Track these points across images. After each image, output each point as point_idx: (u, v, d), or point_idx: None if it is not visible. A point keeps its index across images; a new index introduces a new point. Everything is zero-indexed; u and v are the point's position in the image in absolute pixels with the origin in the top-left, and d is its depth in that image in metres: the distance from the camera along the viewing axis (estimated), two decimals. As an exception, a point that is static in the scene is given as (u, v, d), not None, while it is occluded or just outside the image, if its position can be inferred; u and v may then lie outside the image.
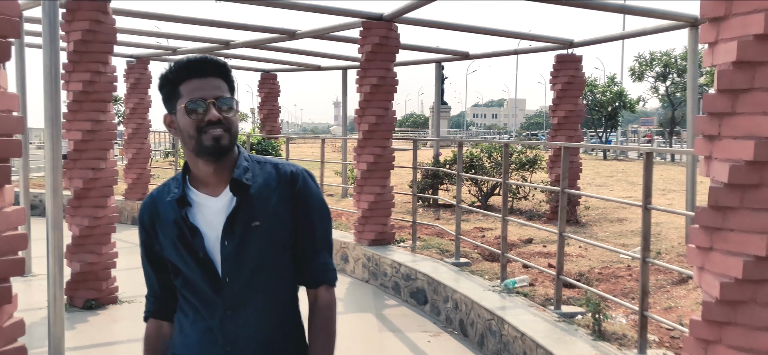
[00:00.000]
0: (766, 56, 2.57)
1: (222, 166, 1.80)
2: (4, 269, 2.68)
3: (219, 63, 1.80)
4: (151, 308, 1.97)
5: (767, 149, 2.57)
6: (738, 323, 2.72)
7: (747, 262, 2.63)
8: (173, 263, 1.85)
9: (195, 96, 1.74)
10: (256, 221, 1.79)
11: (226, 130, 1.74)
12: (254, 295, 1.82)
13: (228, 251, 1.79)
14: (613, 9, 7.53)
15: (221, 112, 1.73)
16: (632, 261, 6.75)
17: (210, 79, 1.76)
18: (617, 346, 4.44)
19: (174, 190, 1.85)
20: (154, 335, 1.96)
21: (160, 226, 1.86)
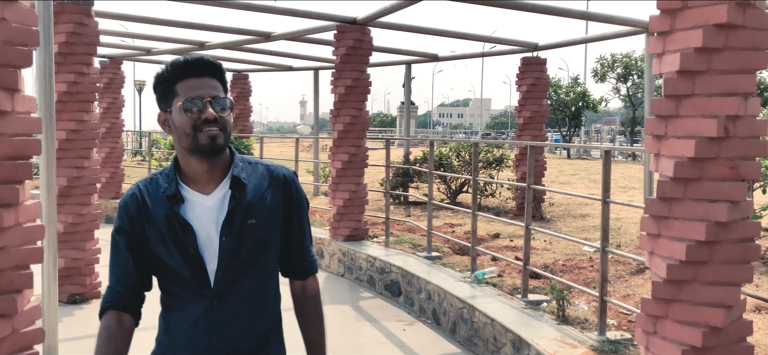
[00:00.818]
0: (704, 66, 2.94)
1: (215, 165, 1.84)
2: (26, 256, 2.92)
3: (214, 64, 1.85)
4: (115, 299, 1.89)
5: (706, 147, 2.95)
6: (682, 300, 3.10)
7: (690, 246, 3.01)
8: (159, 257, 1.86)
9: (192, 95, 1.77)
10: (252, 218, 1.86)
11: (222, 129, 1.79)
12: (242, 287, 1.87)
13: (226, 245, 1.83)
14: (575, 15, 7.95)
15: (216, 112, 1.77)
16: (594, 253, 7.18)
17: (205, 79, 1.80)
18: (580, 329, 4.82)
19: (164, 184, 1.86)
20: (116, 326, 1.86)
21: (146, 219, 1.86)
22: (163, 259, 1.85)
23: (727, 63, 2.92)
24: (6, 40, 2.79)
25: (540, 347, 4.42)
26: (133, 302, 1.91)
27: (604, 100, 30.77)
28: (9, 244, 2.85)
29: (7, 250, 2.85)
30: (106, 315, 1.88)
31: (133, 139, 32.22)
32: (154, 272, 1.91)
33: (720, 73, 2.93)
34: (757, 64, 2.96)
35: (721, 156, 2.96)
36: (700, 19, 2.92)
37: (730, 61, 2.92)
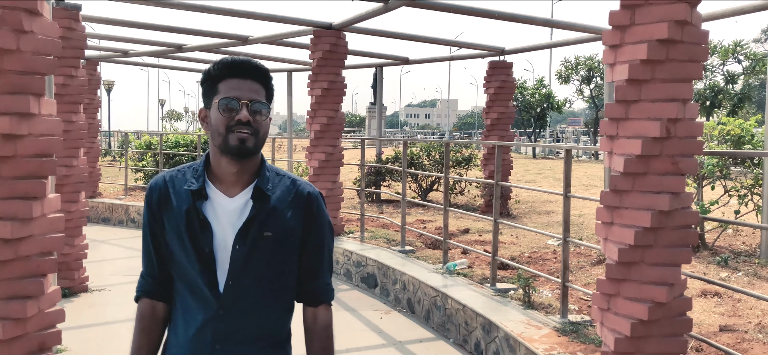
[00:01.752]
0: (649, 75, 3.40)
1: (244, 169, 1.82)
2: (50, 244, 3.25)
3: (260, 68, 1.83)
4: (146, 288, 1.94)
5: (651, 146, 3.40)
6: (631, 280, 3.55)
7: (637, 232, 3.46)
8: (172, 250, 1.85)
9: (230, 95, 1.76)
10: (269, 231, 1.82)
11: (254, 133, 1.76)
12: (251, 300, 1.83)
13: (238, 254, 1.80)
14: (540, 23, 8.44)
15: (252, 115, 1.76)
16: (557, 246, 7.67)
17: (249, 82, 1.79)
18: (544, 313, 5.27)
19: (191, 179, 1.84)
20: (149, 314, 1.93)
21: (167, 210, 1.85)
22: (175, 252, 1.84)
23: (669, 73, 3.38)
24: (33, 51, 3.11)
25: (508, 329, 4.85)
26: (164, 290, 1.92)
27: (568, 102, 31.62)
28: (36, 232, 3.18)
29: (35, 238, 3.18)
30: (140, 304, 1.94)
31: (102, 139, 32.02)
32: (168, 265, 1.89)
33: (662, 82, 3.39)
34: (694, 74, 3.43)
35: (663, 153, 3.42)
36: (645, 35, 3.38)
37: (671, 71, 3.37)
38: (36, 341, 3.22)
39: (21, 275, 3.14)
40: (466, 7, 7.30)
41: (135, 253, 9.30)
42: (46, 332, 3.27)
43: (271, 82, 1.86)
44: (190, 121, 62.06)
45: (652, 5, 3.35)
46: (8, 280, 3.10)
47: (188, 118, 62.10)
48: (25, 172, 3.12)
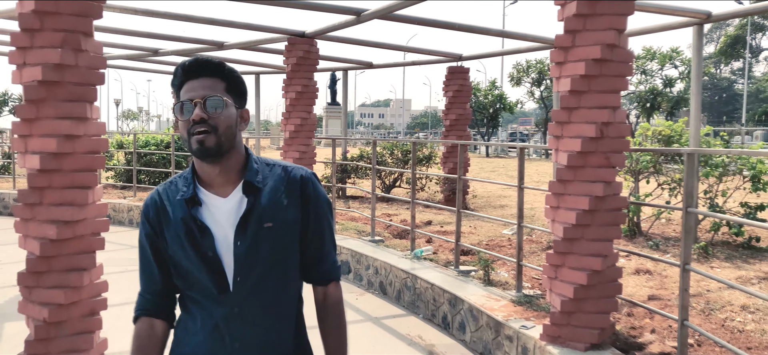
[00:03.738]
0: (587, 88, 4.22)
1: (228, 167, 1.80)
2: (98, 226, 3.90)
3: (213, 63, 1.78)
4: (146, 306, 1.91)
5: (589, 144, 4.23)
6: (574, 253, 4.38)
7: (578, 213, 4.29)
8: (177, 261, 1.83)
9: (183, 98, 1.73)
10: (268, 222, 1.81)
11: (212, 130, 1.71)
12: (262, 294, 1.82)
13: (240, 251, 1.78)
14: (494, 33, 9.30)
15: (207, 112, 1.71)
16: (512, 235, 8.54)
17: (203, 80, 1.75)
18: (502, 289, 6.09)
19: (182, 188, 1.83)
20: (147, 334, 1.88)
21: (166, 222, 1.84)
22: (181, 263, 1.82)
23: (602, 86, 4.22)
24: (88, 66, 3.77)
25: (471, 302, 5.65)
26: (164, 307, 1.91)
27: (519, 103, 32.89)
28: (88, 216, 3.84)
29: (88, 221, 3.84)
30: (138, 323, 1.90)
31: None
32: (174, 276, 1.87)
33: (597, 93, 4.23)
34: (621, 86, 4.28)
35: (598, 150, 4.26)
36: (584, 55, 4.21)
37: (604, 84, 4.22)
38: (88, 307, 3.87)
39: (78, 251, 3.78)
40: (430, 19, 8.10)
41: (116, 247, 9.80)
42: (96, 299, 3.92)
43: (230, 74, 1.80)
44: (144, 121, 61.52)
45: (588, 31, 4.19)
46: (68, 255, 3.75)
47: (143, 118, 61.54)
48: (81, 166, 3.76)
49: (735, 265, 6.61)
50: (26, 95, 3.64)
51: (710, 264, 6.62)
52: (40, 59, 3.62)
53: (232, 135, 1.77)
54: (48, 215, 3.70)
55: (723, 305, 5.26)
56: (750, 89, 51.42)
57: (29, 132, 3.70)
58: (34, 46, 3.65)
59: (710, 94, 62.58)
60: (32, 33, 3.65)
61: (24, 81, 3.69)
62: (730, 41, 48.40)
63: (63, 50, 3.63)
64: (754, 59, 56.43)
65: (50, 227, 3.68)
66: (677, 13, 7.05)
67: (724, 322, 4.85)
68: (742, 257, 6.94)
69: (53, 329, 3.74)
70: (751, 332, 4.61)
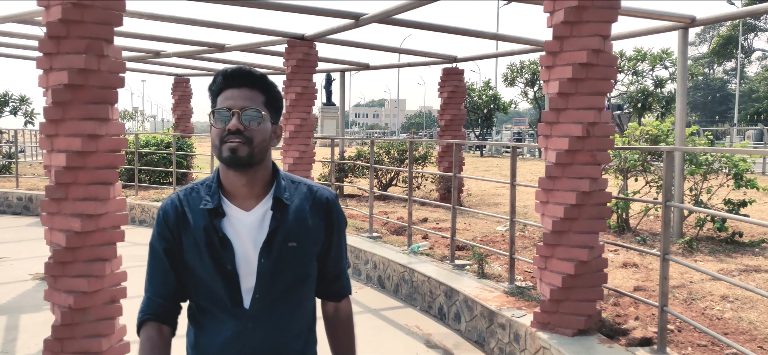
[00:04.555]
0: (571, 90, 4.52)
1: (254, 180, 1.78)
2: (119, 220, 4.18)
3: (255, 75, 1.78)
4: (155, 311, 1.84)
5: (576, 143, 4.53)
6: (562, 244, 4.68)
7: (566, 208, 4.58)
8: (192, 268, 1.80)
9: (222, 105, 1.73)
10: (293, 241, 1.80)
11: (246, 142, 1.70)
12: (278, 311, 1.82)
13: (264, 268, 1.77)
14: (488, 36, 9.61)
15: (243, 124, 1.71)
16: (505, 231, 8.84)
17: (244, 91, 1.74)
18: (495, 281, 6.39)
19: (205, 197, 1.81)
20: (157, 336, 1.82)
21: (184, 229, 1.80)
22: (195, 271, 1.79)
23: (588, 88, 4.52)
24: (110, 71, 4.05)
25: (466, 293, 5.95)
26: (171, 314, 1.86)
27: (513, 103, 33.23)
28: (109, 210, 4.12)
29: (109, 214, 4.12)
30: (146, 327, 1.83)
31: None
32: (186, 285, 1.84)
33: (583, 95, 4.52)
34: (606, 89, 4.59)
35: (585, 149, 4.56)
36: (571, 59, 4.51)
37: (590, 87, 4.52)
38: (109, 295, 4.15)
39: (100, 243, 4.06)
40: (426, 23, 8.40)
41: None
42: (116, 287, 4.20)
43: (271, 88, 1.80)
44: (140, 121, 61.70)
45: (575, 37, 4.49)
46: (91, 246, 4.03)
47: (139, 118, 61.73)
48: (103, 164, 4.04)
49: (718, 259, 6.92)
50: (53, 98, 3.91)
51: (694, 258, 6.93)
52: (66, 64, 3.90)
53: (265, 149, 1.76)
54: (73, 209, 3.98)
55: (704, 296, 5.57)
56: (743, 89, 51.96)
57: (55, 132, 3.97)
58: (61, 52, 3.92)
59: (703, 94, 63.10)
60: (58, 40, 3.92)
61: (50, 84, 3.97)
62: (723, 42, 48.90)
63: (87, 56, 3.91)
64: (747, 59, 56.97)
65: (75, 220, 3.96)
66: (663, 17, 7.36)
67: (704, 310, 5.16)
68: (725, 251, 7.26)
69: (78, 315, 4.02)
70: (729, 319, 4.92)
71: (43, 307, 6.73)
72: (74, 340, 4.05)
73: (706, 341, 4.46)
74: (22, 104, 21.54)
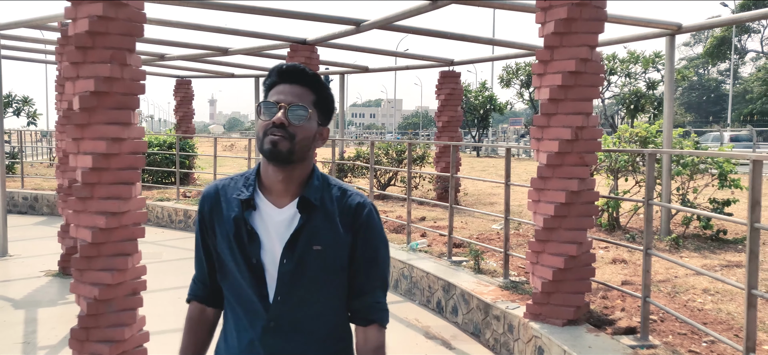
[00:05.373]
0: (563, 96, 4.84)
1: (291, 177, 1.75)
2: (140, 217, 4.49)
3: (308, 73, 1.77)
4: (197, 293, 1.95)
5: (565, 145, 4.84)
6: (552, 240, 5.00)
7: (556, 206, 4.90)
8: (223, 259, 1.82)
9: (271, 99, 1.73)
10: (318, 244, 1.74)
11: (288, 137, 1.69)
12: (301, 315, 1.77)
13: (285, 269, 1.74)
14: (484, 41, 9.94)
15: (288, 119, 1.70)
16: (500, 229, 9.16)
17: (294, 87, 1.74)
18: (490, 276, 6.71)
19: (242, 188, 1.81)
20: (197, 317, 1.94)
21: (217, 218, 1.82)
22: (226, 262, 1.81)
23: (577, 95, 4.84)
24: (132, 78, 4.36)
25: (463, 287, 6.27)
26: (213, 295, 1.92)
27: (509, 104, 33.59)
28: (131, 208, 4.42)
29: (131, 212, 4.42)
30: (190, 306, 1.96)
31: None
32: (218, 275, 1.87)
33: (572, 101, 4.84)
34: (594, 95, 4.90)
35: (574, 151, 4.88)
36: (561, 68, 4.83)
37: (578, 93, 4.84)
38: (130, 287, 4.46)
39: (123, 239, 4.37)
40: (425, 29, 8.72)
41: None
42: (137, 280, 4.51)
43: (322, 89, 1.79)
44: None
45: (565, 47, 4.81)
46: (115, 242, 4.33)
47: (137, 119, 62.03)
48: (126, 165, 4.35)
49: (702, 255, 7.26)
50: (81, 104, 4.22)
51: (680, 254, 7.27)
52: (92, 73, 4.20)
53: (306, 147, 1.74)
54: (98, 207, 4.28)
55: (687, 289, 5.90)
56: (737, 90, 52.42)
57: (81, 135, 4.28)
58: (87, 61, 4.23)
59: (698, 95, 63.54)
60: (85, 50, 4.23)
61: (77, 91, 4.27)
62: (717, 43, 49.35)
63: (111, 65, 4.22)
64: (741, 60, 57.47)
65: (100, 218, 4.27)
66: (650, 24, 7.69)
67: (687, 303, 5.49)
68: (710, 248, 7.60)
69: (102, 305, 4.33)
70: (709, 311, 5.24)
71: (59, 301, 7.03)
72: (99, 329, 4.35)
73: (687, 331, 4.79)
74: (25, 105, 21.80)
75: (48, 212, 13.63)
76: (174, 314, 6.20)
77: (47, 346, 5.62)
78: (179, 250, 9.94)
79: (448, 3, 6.56)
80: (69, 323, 6.17)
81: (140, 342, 4.57)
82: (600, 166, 8.86)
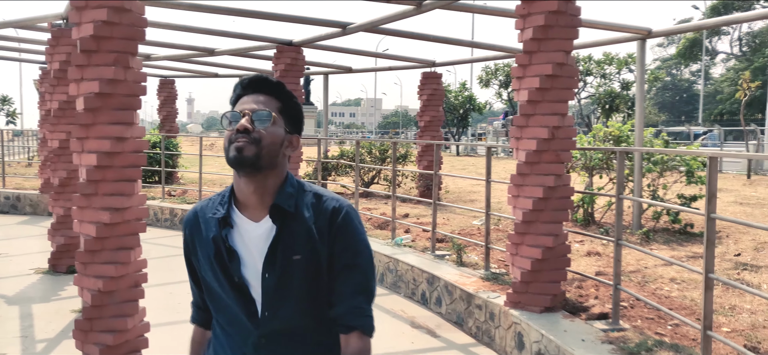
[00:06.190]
0: (541, 98, 5.16)
1: (264, 188, 1.72)
2: (141, 213, 4.72)
3: (270, 81, 1.76)
4: (194, 316, 1.99)
5: (543, 144, 5.17)
6: (530, 233, 5.31)
7: (534, 200, 5.23)
8: (208, 282, 1.80)
9: (235, 109, 1.72)
10: (297, 253, 1.71)
11: (253, 142, 1.66)
12: (293, 330, 1.75)
13: (269, 283, 1.71)
14: (465, 44, 10.26)
15: (252, 124, 1.67)
16: (481, 225, 9.50)
17: (257, 96, 1.73)
18: (472, 269, 7.03)
19: (218, 206, 1.78)
20: (199, 339, 1.99)
21: (198, 240, 1.81)
22: (211, 285, 1.79)
23: (553, 97, 5.16)
24: (134, 81, 4.59)
25: (447, 279, 6.57)
26: (209, 318, 1.92)
27: (488, 104, 34.06)
28: (133, 204, 4.66)
29: (133, 208, 4.66)
30: (193, 330, 2.01)
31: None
32: (206, 298, 1.85)
33: (549, 102, 5.16)
34: (569, 97, 5.23)
35: (550, 149, 5.20)
36: (538, 71, 5.15)
37: (555, 95, 5.16)
38: (132, 280, 4.69)
39: (125, 233, 4.61)
40: (409, 32, 9.02)
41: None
42: (139, 273, 4.75)
43: (287, 96, 1.78)
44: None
45: (542, 52, 5.13)
46: (118, 236, 4.57)
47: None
48: (128, 163, 4.58)
49: (671, 247, 7.65)
50: (85, 105, 4.45)
51: (650, 246, 7.65)
52: (96, 75, 4.43)
53: (274, 153, 1.69)
54: (102, 204, 4.51)
55: (656, 279, 6.27)
56: (708, 90, 53.56)
57: (86, 135, 4.51)
58: (91, 64, 4.45)
59: (671, 95, 64.74)
60: (89, 54, 4.45)
61: (81, 92, 4.50)
62: (689, 44, 50.38)
63: (115, 68, 4.45)
64: (712, 61, 58.69)
65: (104, 213, 4.50)
66: (622, 29, 8.06)
67: (655, 290, 5.85)
68: (678, 241, 8.00)
69: (106, 297, 4.56)
70: (675, 298, 5.61)
71: (52, 298, 7.21)
72: (102, 319, 4.58)
73: (654, 315, 5.14)
74: (4, 105, 21.72)
75: (30, 212, 13.71)
76: (164, 309, 6.42)
77: (46, 339, 5.82)
78: (166, 248, 10.13)
79: (432, 8, 6.86)
80: (64, 318, 6.39)
81: (142, 332, 4.80)
82: (575, 164, 9.22)
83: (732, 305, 5.45)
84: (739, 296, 5.70)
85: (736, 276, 6.36)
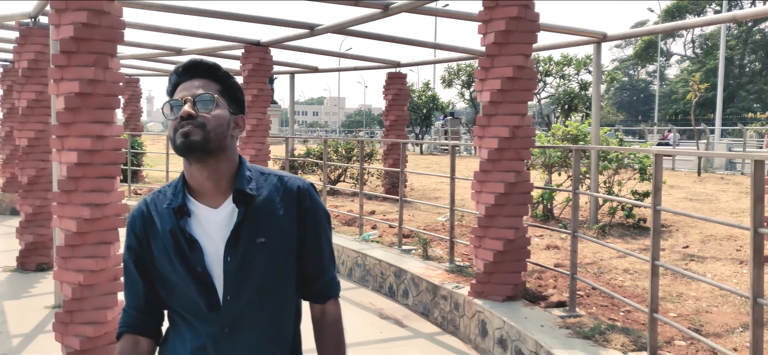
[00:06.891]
0: (502, 99, 5.47)
1: (218, 173, 1.70)
2: (121, 209, 4.88)
3: (206, 63, 1.73)
4: (130, 323, 1.81)
5: (504, 143, 5.46)
6: (493, 226, 5.62)
7: (496, 195, 5.54)
8: (165, 275, 1.73)
9: (175, 96, 1.68)
10: (262, 237, 1.70)
11: (199, 126, 1.63)
12: (255, 314, 1.73)
13: (231, 267, 1.69)
14: (429, 45, 10.57)
15: (196, 109, 1.64)
16: (445, 221, 9.81)
17: (195, 81, 1.69)
18: (437, 262, 7.32)
19: (171, 197, 1.74)
20: (131, 350, 1.80)
21: (152, 234, 1.74)
22: (169, 277, 1.72)
23: (514, 98, 5.47)
24: (113, 81, 4.75)
25: (413, 272, 6.85)
26: (149, 324, 1.82)
27: (451, 104, 34.56)
28: (113, 200, 4.82)
29: (112, 204, 4.82)
30: (121, 340, 1.81)
31: None
32: (162, 293, 1.77)
33: (510, 103, 5.47)
34: (528, 98, 5.55)
35: (511, 147, 5.51)
36: (500, 74, 5.45)
37: (515, 97, 5.47)
38: (112, 273, 4.85)
39: (105, 228, 4.76)
40: (376, 34, 9.28)
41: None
42: (118, 267, 4.90)
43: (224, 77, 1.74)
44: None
45: (504, 56, 5.44)
46: (98, 231, 4.72)
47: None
48: (108, 160, 4.74)
49: (625, 241, 8.07)
50: (66, 104, 4.59)
51: (606, 240, 8.06)
52: (76, 75, 4.58)
53: (222, 136, 1.67)
54: (82, 200, 4.66)
55: (610, 270, 6.65)
56: (663, 90, 55.12)
57: (67, 133, 4.65)
58: (71, 64, 4.60)
59: (629, 95, 66.39)
60: (69, 54, 4.60)
61: (61, 92, 4.64)
62: (645, 46, 51.80)
63: (95, 68, 4.60)
64: (667, 62, 60.38)
65: (85, 209, 4.64)
66: (579, 33, 8.46)
67: (609, 280, 6.23)
68: (632, 235, 8.43)
69: (87, 290, 4.70)
70: (628, 287, 5.99)
71: (22, 295, 7.26)
72: (83, 312, 4.73)
73: (608, 303, 5.50)
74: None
75: (-8, 211, 13.56)
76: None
77: (21, 334, 5.91)
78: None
79: (398, 11, 7.13)
80: (38, 314, 6.47)
81: (120, 324, 4.95)
82: (535, 162, 9.60)
83: (679, 293, 5.85)
84: (686, 285, 6.10)
85: (684, 266, 6.79)
